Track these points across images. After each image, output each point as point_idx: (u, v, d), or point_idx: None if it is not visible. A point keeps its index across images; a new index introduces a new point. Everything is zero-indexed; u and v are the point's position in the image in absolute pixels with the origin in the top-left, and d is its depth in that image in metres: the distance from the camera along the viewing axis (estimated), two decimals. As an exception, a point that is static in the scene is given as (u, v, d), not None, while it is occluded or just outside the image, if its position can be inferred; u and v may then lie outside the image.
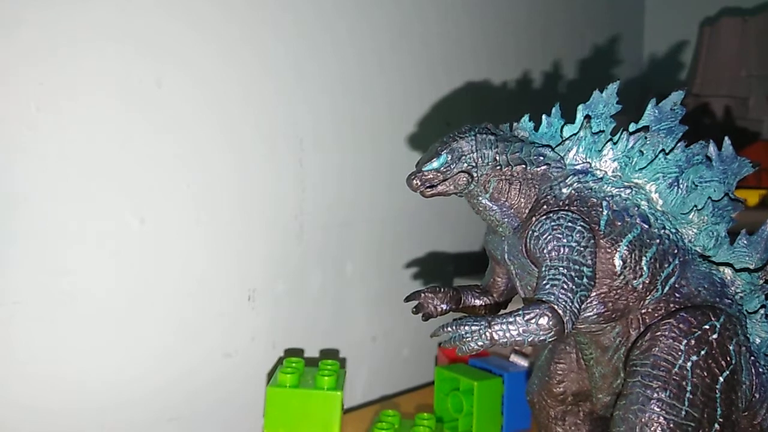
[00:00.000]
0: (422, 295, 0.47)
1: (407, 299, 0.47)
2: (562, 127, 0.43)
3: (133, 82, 0.53)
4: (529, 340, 0.37)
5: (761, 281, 0.42)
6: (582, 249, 0.39)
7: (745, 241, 0.42)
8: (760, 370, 0.42)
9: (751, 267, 0.42)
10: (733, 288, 0.42)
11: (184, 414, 0.57)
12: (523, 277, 0.43)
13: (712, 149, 0.42)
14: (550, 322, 0.37)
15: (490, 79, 0.81)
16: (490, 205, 0.42)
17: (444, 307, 0.47)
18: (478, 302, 0.48)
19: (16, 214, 0.48)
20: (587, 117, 0.42)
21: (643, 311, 0.41)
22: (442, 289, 0.47)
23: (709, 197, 0.42)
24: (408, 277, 0.73)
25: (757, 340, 0.42)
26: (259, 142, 0.61)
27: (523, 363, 0.62)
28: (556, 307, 0.37)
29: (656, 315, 0.41)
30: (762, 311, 0.42)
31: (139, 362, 0.55)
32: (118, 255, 0.53)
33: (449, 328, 0.38)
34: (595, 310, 0.40)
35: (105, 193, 0.52)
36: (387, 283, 0.71)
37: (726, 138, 0.42)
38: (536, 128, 0.43)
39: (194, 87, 0.56)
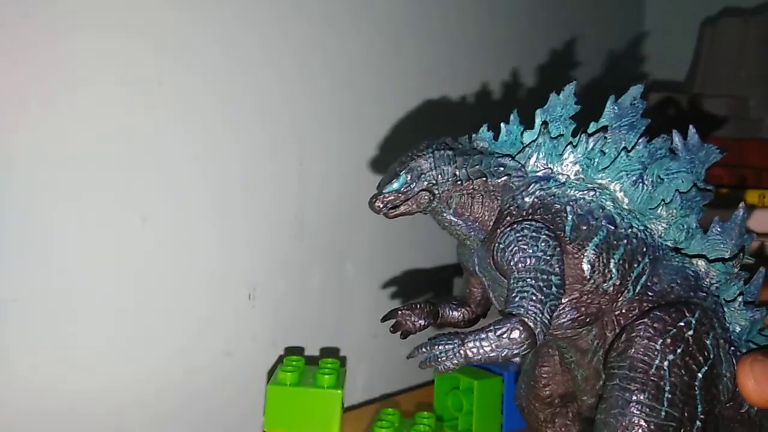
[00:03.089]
0: (399, 313, 0.46)
1: (384, 319, 0.47)
2: (522, 133, 0.42)
3: (134, 79, 0.53)
4: (503, 354, 0.37)
5: (736, 269, 0.41)
6: (548, 258, 0.38)
7: (719, 228, 0.41)
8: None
9: (726, 255, 0.41)
10: (708, 279, 0.42)
11: (184, 411, 0.57)
12: (495, 288, 0.42)
13: (677, 139, 0.41)
14: (522, 336, 0.36)
15: (494, 78, 0.81)
16: (455, 220, 0.42)
17: (422, 323, 0.46)
18: (456, 314, 0.47)
19: (16, 212, 0.48)
20: (544, 123, 0.42)
21: (617, 313, 0.40)
22: (419, 305, 0.46)
23: (677, 190, 0.41)
24: (409, 276, 0.73)
25: (737, 328, 0.42)
26: (260, 140, 0.61)
27: (523, 362, 0.62)
28: (526, 319, 0.37)
29: (630, 315, 0.40)
30: (740, 299, 0.41)
31: (139, 360, 0.55)
32: (119, 253, 0.53)
33: (424, 349, 0.38)
34: (568, 316, 0.40)
35: (106, 191, 0.52)
36: (387, 282, 0.71)
37: (691, 126, 0.42)
38: (496, 137, 0.42)
39: (195, 85, 0.56)
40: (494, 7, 0.83)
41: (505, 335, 0.36)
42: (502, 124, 0.42)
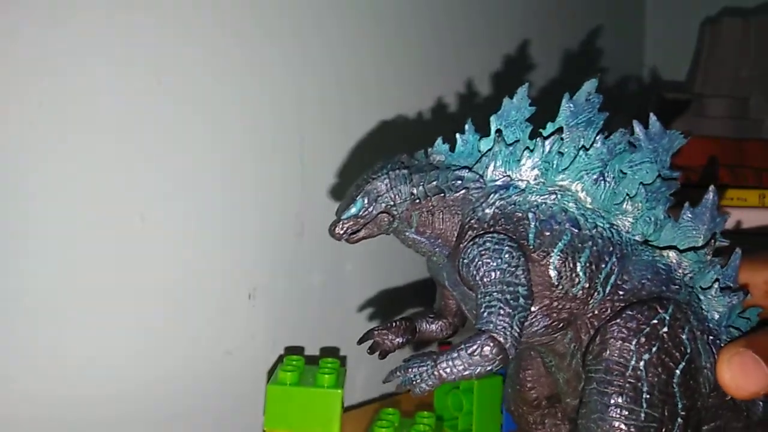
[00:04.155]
0: (375, 333, 0.46)
1: (360, 341, 0.47)
2: (479, 142, 0.41)
3: (134, 78, 0.53)
4: (477, 372, 0.36)
5: (709, 256, 0.41)
6: (513, 269, 0.38)
7: (690, 215, 0.41)
8: (722, 346, 0.40)
9: (700, 241, 0.40)
10: (680, 270, 0.41)
11: (184, 410, 0.57)
12: (466, 302, 0.42)
13: (638, 129, 0.41)
14: (493, 352, 0.36)
15: (496, 76, 0.81)
16: (418, 238, 0.41)
17: (400, 340, 0.46)
18: (434, 327, 0.46)
19: (18, 210, 0.48)
20: (498, 130, 0.41)
21: (589, 315, 0.40)
22: (395, 323, 0.46)
23: (641, 182, 0.40)
24: (408, 275, 0.73)
25: (716, 316, 0.41)
26: (261, 140, 0.61)
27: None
28: (495, 335, 0.36)
29: (603, 317, 0.40)
30: (716, 285, 0.41)
31: (139, 358, 0.55)
32: (119, 252, 0.53)
33: (398, 373, 0.38)
34: (540, 323, 0.40)
35: (107, 190, 0.52)
36: (387, 281, 0.71)
37: (651, 114, 0.41)
38: (453, 149, 0.42)
39: (196, 83, 0.56)
40: (494, 4, 0.83)
41: (476, 353, 0.36)
42: (458, 135, 0.41)
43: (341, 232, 0.41)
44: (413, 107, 0.73)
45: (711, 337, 0.41)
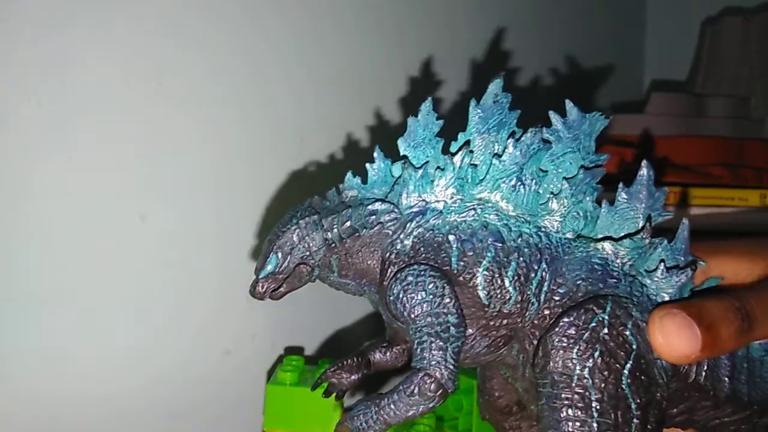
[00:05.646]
0: (329, 373, 0.45)
1: (314, 386, 0.45)
2: (392, 166, 0.40)
3: (135, 76, 0.53)
4: (420, 410, 0.36)
5: (647, 240, 0.38)
6: (439, 299, 0.37)
7: (625, 196, 0.38)
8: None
9: (640, 221, 0.38)
10: (618, 261, 0.39)
11: (184, 410, 0.57)
12: (406, 335, 0.40)
13: (555, 120, 0.39)
14: (431, 389, 0.36)
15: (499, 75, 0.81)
16: (343, 281, 0.40)
17: (355, 377, 0.44)
18: (388, 356, 0.45)
19: (18, 210, 0.48)
20: (404, 157, 0.39)
21: (528, 327, 0.39)
22: (347, 361, 0.45)
23: (564, 177, 0.38)
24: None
25: (666, 297, 0.39)
26: (260, 139, 0.61)
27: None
28: (430, 371, 0.36)
29: (543, 325, 0.38)
30: (662, 266, 0.38)
31: (139, 358, 0.55)
32: (119, 251, 0.53)
33: (346, 423, 0.37)
34: (481, 344, 0.39)
35: (107, 189, 0.52)
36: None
37: (568, 101, 0.39)
38: (366, 180, 0.40)
39: (197, 83, 0.56)
40: (494, 5, 0.83)
41: (415, 393, 0.36)
42: (368, 165, 0.40)
43: (262, 291, 0.40)
44: (413, 107, 0.73)
45: None
